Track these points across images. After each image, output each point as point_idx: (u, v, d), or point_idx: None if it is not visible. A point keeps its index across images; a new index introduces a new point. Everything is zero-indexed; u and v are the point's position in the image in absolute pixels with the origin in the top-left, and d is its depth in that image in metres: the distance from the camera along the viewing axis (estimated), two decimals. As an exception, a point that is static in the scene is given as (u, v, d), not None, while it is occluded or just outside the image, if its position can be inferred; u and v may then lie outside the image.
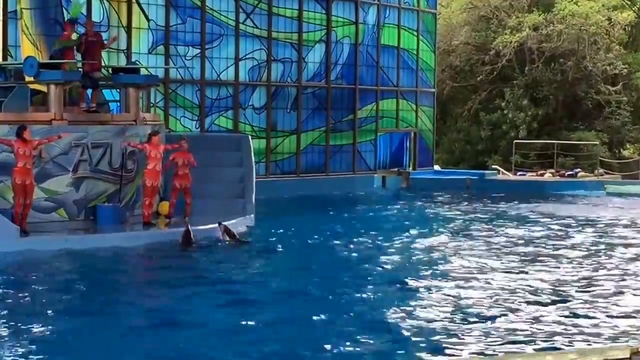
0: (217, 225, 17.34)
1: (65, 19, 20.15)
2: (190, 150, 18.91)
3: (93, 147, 18.05)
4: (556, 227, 20.38)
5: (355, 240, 17.65)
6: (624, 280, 13.79)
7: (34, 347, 9.51)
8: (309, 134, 29.13)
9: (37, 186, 17.25)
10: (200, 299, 12.21)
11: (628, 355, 4.48)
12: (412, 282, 13.30)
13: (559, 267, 14.88)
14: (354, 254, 16.09)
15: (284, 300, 12.08)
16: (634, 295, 12.60)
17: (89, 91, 19.00)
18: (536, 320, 10.94)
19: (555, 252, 16.58)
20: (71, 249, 15.91)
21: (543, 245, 17.58)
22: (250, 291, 12.78)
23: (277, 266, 15.12)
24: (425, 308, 11.59)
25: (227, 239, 16.98)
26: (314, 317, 10.99)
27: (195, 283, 13.44)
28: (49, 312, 11.23)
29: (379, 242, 17.43)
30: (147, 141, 17.96)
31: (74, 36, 18.86)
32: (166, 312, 11.40)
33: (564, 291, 12.82)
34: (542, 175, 33.50)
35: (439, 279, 13.76)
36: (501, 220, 21.45)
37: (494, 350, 9.48)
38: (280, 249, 16.65)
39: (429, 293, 12.61)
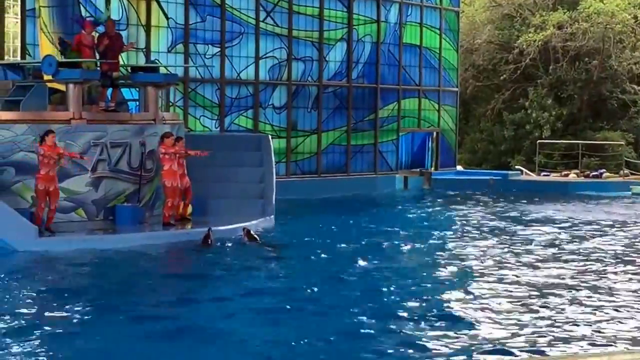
0: (241, 230, 17.12)
1: (87, 18, 19.97)
2: (210, 149, 18.70)
3: (112, 146, 18.02)
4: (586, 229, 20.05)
5: (376, 243, 17.30)
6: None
7: (44, 347, 9.39)
8: (329, 133, 28.88)
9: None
10: (217, 304, 11.99)
11: None
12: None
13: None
14: (375, 261, 15.40)
15: (311, 312, 11.63)
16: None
17: (109, 90, 18.88)
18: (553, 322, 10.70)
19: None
20: (90, 249, 15.84)
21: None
22: (271, 298, 12.49)
23: (301, 271, 14.71)
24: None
25: (250, 242, 16.71)
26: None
27: (212, 286, 13.29)
28: (60, 311, 11.09)
29: (410, 248, 16.95)
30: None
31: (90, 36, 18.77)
32: (182, 318, 11.14)
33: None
34: (566, 175, 33.13)
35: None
36: (535, 224, 20.98)
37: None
38: (304, 253, 16.26)
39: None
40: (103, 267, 14.83)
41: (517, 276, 13.78)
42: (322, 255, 15.70)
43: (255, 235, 17.04)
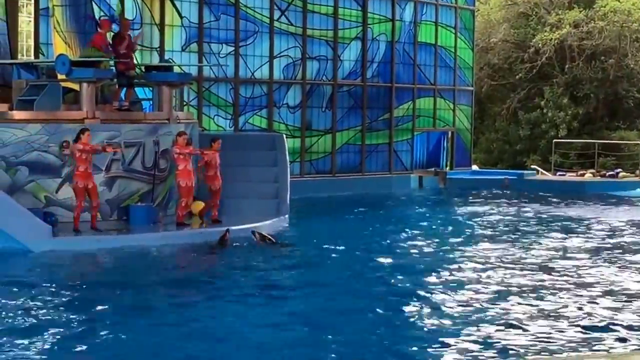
0: (251, 234, 16.99)
1: (102, 17, 19.95)
2: (223, 149, 18.60)
3: (126, 146, 18.00)
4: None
5: (394, 244, 17.15)
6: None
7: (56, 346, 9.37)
8: (344, 133, 28.76)
9: (69, 185, 17.12)
10: (226, 304, 11.89)
11: None
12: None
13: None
14: (389, 260, 15.30)
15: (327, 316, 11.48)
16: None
17: (123, 90, 18.83)
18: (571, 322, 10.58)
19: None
20: (103, 248, 15.79)
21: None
22: (284, 299, 12.38)
23: (316, 271, 14.59)
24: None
25: (262, 242, 16.60)
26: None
27: (225, 286, 13.14)
28: (72, 311, 11.04)
29: (427, 250, 16.77)
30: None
31: (109, 35, 18.75)
32: (194, 318, 11.05)
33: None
34: (582, 175, 32.90)
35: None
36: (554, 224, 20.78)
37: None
38: (318, 252, 16.14)
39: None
40: (116, 267, 14.77)
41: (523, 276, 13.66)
42: (335, 255, 15.56)
43: (268, 236, 16.90)
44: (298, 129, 27.62)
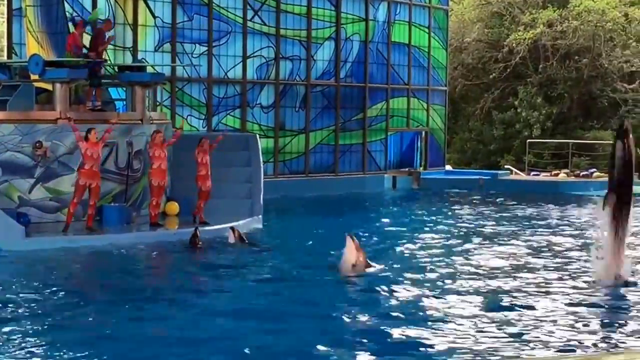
0: (229, 229, 16.98)
1: (77, 19, 19.89)
2: (192, 150, 18.64)
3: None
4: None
5: (367, 244, 17.18)
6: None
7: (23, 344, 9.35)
8: (317, 133, 28.83)
9: (42, 186, 17.08)
10: (200, 303, 11.87)
11: None
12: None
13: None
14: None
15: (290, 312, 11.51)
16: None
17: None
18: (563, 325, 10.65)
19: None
20: (76, 248, 15.71)
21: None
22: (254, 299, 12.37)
23: (285, 270, 14.59)
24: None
25: (238, 242, 16.60)
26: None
27: (196, 286, 13.16)
28: (44, 312, 11.01)
29: (395, 248, 16.79)
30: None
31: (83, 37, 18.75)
32: (166, 317, 11.07)
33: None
34: (556, 175, 33.08)
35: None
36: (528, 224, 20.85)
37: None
38: (288, 253, 16.16)
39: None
40: (88, 267, 14.73)
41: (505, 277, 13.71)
42: (306, 256, 15.58)
43: (244, 237, 16.91)
44: (271, 129, 27.65)
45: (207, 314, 11.10)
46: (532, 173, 33.76)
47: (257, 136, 22.38)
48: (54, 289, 12.55)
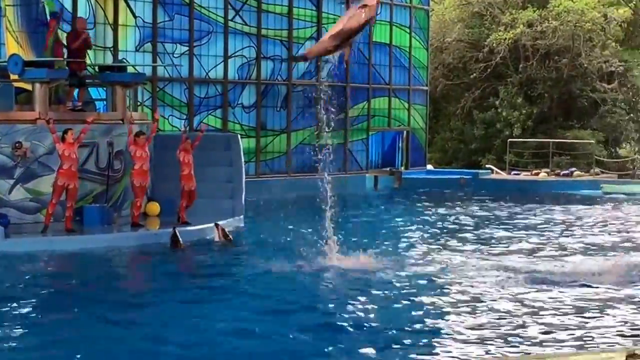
0: (213, 226, 16.97)
1: (50, 15, 19.82)
2: (176, 151, 18.57)
3: (79, 146, 17.70)
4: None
5: (346, 244, 17.16)
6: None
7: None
8: (299, 132, 28.86)
9: (22, 186, 17.00)
10: (178, 305, 11.85)
11: (624, 358, 4.19)
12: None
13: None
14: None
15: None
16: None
17: (76, 90, 18.76)
18: (532, 323, 10.71)
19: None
20: (56, 250, 15.64)
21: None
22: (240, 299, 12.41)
23: (265, 272, 14.52)
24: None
25: (222, 240, 16.54)
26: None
27: (175, 287, 13.10)
28: (19, 311, 11.00)
29: (375, 247, 16.76)
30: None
31: (60, 33, 18.65)
32: (143, 321, 10.98)
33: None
34: (537, 174, 33.29)
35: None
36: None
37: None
38: (269, 253, 16.09)
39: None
40: (68, 268, 14.68)
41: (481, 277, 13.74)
42: (286, 255, 15.54)
43: (229, 235, 16.93)
44: (253, 129, 27.67)
45: (185, 318, 11.02)
46: (513, 172, 33.96)
47: (239, 136, 22.37)
48: (32, 290, 12.50)
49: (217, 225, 16.97)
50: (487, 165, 35.55)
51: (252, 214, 20.50)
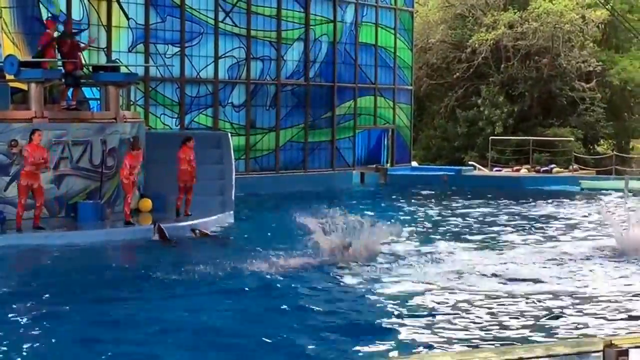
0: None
1: (47, 17, 20.19)
2: (168, 148, 19.01)
3: (73, 144, 18.14)
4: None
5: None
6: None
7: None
8: (287, 131, 29.27)
9: (18, 183, 17.33)
10: (168, 299, 11.90)
11: (601, 348, 4.51)
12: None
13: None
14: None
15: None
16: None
17: (70, 89, 19.11)
18: (505, 313, 11.07)
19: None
20: (51, 245, 15.79)
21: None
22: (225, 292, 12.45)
23: (253, 267, 14.26)
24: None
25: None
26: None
27: (166, 281, 12.98)
28: (17, 308, 11.02)
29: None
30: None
31: (56, 34, 18.96)
32: (138, 314, 11.03)
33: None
34: (517, 171, 33.79)
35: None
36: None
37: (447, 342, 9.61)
38: (258, 248, 16.35)
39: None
40: (63, 264, 14.64)
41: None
42: (275, 248, 15.82)
43: (207, 232, 17.27)
44: (243, 127, 28.05)
45: (174, 312, 11.02)
46: (495, 169, 34.43)
47: (229, 134, 22.82)
48: (27, 286, 12.61)
49: (193, 230, 17.14)
50: (469, 162, 36.01)
51: (242, 209, 20.70)
